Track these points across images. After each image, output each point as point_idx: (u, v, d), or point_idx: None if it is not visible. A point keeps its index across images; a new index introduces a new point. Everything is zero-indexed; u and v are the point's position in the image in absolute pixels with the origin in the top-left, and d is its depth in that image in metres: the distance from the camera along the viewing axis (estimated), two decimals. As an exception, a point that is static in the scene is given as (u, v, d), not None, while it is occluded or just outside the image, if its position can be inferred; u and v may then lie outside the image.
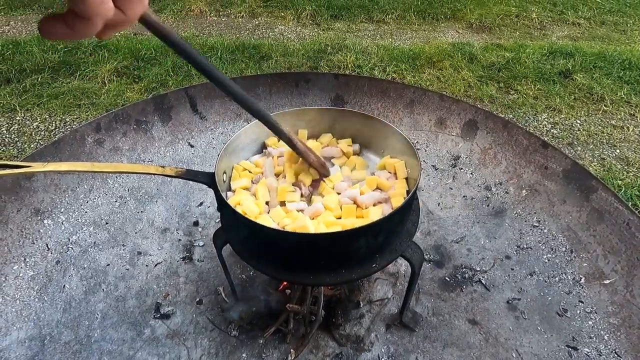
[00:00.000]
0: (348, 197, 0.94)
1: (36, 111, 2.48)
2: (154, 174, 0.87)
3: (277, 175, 1.03)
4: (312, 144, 1.09)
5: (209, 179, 0.91)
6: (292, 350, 1.11)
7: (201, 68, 0.69)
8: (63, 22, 0.39)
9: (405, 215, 0.94)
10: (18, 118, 2.44)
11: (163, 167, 0.88)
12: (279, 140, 1.10)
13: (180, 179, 0.90)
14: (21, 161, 1.20)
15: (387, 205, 0.94)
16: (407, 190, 0.97)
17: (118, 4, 0.41)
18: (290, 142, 0.91)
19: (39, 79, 2.74)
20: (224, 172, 0.99)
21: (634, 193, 1.91)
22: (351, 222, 0.90)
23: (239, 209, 0.88)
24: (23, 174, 0.80)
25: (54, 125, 2.39)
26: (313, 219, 0.91)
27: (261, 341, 1.13)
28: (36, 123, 2.40)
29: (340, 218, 0.93)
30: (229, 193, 0.99)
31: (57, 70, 2.84)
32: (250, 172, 1.03)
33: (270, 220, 0.91)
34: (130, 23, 0.45)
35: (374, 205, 0.94)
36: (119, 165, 0.92)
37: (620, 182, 1.98)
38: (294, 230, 0.87)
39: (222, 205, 0.90)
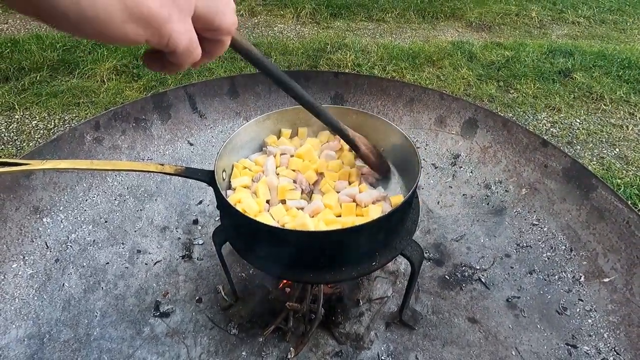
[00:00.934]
0: (347, 195, 0.94)
1: (35, 110, 2.48)
2: (153, 172, 0.87)
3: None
4: (311, 141, 1.09)
5: (209, 177, 0.90)
6: (291, 348, 1.11)
7: (284, 86, 0.80)
8: (160, 61, 0.44)
9: (405, 213, 0.94)
10: (17, 116, 2.43)
11: (162, 165, 0.88)
12: (291, 138, 1.12)
13: (179, 176, 0.90)
14: (20, 159, 1.19)
15: (386, 203, 0.94)
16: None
17: (204, 49, 0.45)
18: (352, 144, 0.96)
19: (38, 78, 2.73)
20: (224, 170, 0.99)
21: (633, 192, 1.91)
22: (351, 220, 0.89)
23: (238, 207, 0.88)
24: (22, 171, 0.80)
25: (52, 123, 2.38)
26: (313, 216, 0.91)
27: (261, 339, 1.13)
28: (35, 121, 2.40)
29: (340, 216, 0.93)
30: (228, 191, 0.99)
31: (56, 69, 2.83)
32: (250, 170, 1.03)
33: (270, 218, 0.91)
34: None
35: (372, 203, 0.93)
36: (118, 163, 0.92)
37: (619, 180, 1.99)
38: (294, 228, 0.87)
39: (222, 204, 0.90)
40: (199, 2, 0.40)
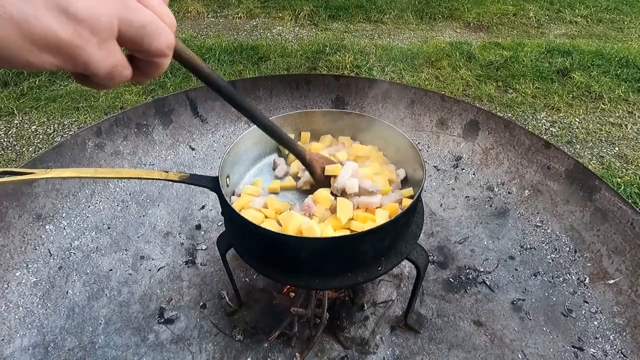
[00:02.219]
0: (361, 203, 0.93)
1: (34, 114, 2.47)
2: (158, 179, 0.87)
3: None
4: (315, 146, 1.09)
5: (213, 184, 0.90)
6: (297, 353, 1.11)
7: (233, 102, 0.68)
8: (88, 80, 0.40)
9: (411, 218, 0.94)
10: (16, 121, 2.42)
11: (167, 172, 0.88)
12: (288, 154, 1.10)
13: (183, 183, 0.90)
14: (23, 167, 1.19)
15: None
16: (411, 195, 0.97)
17: (139, 68, 0.41)
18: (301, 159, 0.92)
19: (37, 82, 2.72)
20: (228, 176, 0.99)
21: (633, 191, 1.91)
22: (359, 226, 0.89)
23: (243, 214, 0.87)
24: (26, 180, 0.79)
25: (52, 128, 2.37)
26: (307, 215, 0.91)
27: (266, 345, 1.12)
28: (34, 126, 2.39)
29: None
30: (233, 197, 0.98)
31: (55, 73, 2.82)
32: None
33: (275, 224, 0.91)
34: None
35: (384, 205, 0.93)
36: (123, 171, 0.92)
37: (619, 179, 1.99)
38: (299, 235, 0.87)
39: (227, 210, 0.90)
40: (123, 25, 0.36)
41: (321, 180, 0.96)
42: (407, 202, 0.94)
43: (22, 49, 0.31)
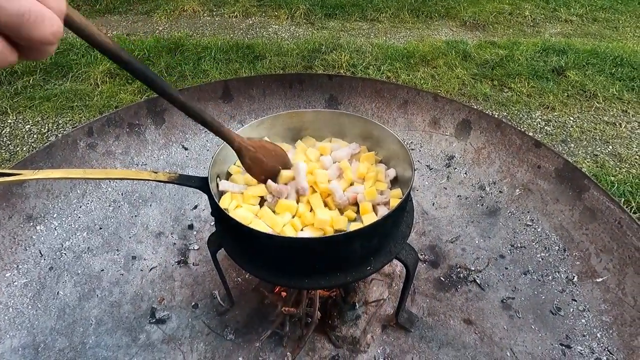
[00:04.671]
0: (346, 196, 0.94)
1: (28, 114, 2.46)
2: (147, 180, 0.87)
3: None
4: (321, 149, 1.07)
5: (203, 184, 0.90)
6: (288, 353, 1.12)
7: (150, 82, 0.65)
8: None
9: (399, 217, 0.94)
10: (10, 121, 2.41)
11: (156, 172, 0.88)
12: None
13: (173, 184, 0.90)
14: (12, 168, 1.19)
15: (384, 207, 0.95)
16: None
17: (24, 53, 0.39)
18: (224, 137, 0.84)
19: (31, 81, 2.71)
20: (218, 176, 0.99)
21: (626, 189, 1.92)
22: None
23: (232, 214, 0.87)
24: (14, 182, 0.79)
25: (46, 127, 2.37)
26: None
27: (257, 344, 1.13)
28: (28, 126, 2.38)
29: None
30: (223, 182, 0.98)
31: (49, 72, 2.81)
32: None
33: (264, 224, 0.91)
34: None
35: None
36: (111, 171, 0.92)
37: (613, 178, 2.00)
38: (288, 235, 0.87)
39: (216, 210, 0.90)
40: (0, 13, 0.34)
41: (250, 171, 0.90)
42: (395, 202, 0.94)
43: None
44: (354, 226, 0.91)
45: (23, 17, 0.36)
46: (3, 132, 2.34)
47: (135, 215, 1.52)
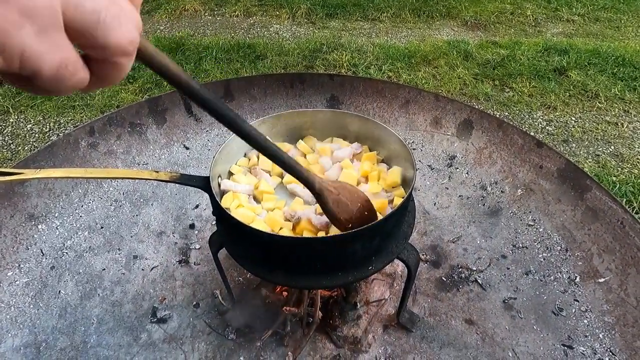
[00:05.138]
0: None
1: (30, 113, 2.46)
2: (148, 179, 0.87)
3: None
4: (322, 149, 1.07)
5: (204, 183, 0.90)
6: (289, 352, 1.11)
7: (216, 113, 0.55)
8: (27, 81, 0.30)
9: (401, 217, 0.94)
10: (11, 120, 2.42)
11: (157, 171, 0.88)
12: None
13: (174, 183, 0.90)
14: (14, 167, 1.19)
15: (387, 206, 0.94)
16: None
17: (93, 72, 0.33)
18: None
19: (32, 81, 2.71)
20: (219, 176, 0.99)
21: (628, 189, 1.92)
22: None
23: (233, 213, 0.87)
24: (15, 181, 0.79)
25: (48, 127, 2.37)
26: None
27: (259, 344, 1.13)
28: (30, 125, 2.38)
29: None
30: (226, 181, 0.99)
31: (50, 72, 2.81)
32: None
33: (265, 224, 0.91)
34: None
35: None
36: (113, 171, 0.92)
37: (614, 178, 2.00)
38: (289, 235, 0.87)
39: (217, 210, 0.90)
40: (69, 10, 0.28)
41: (335, 218, 0.78)
42: (398, 202, 0.94)
43: None
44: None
45: (99, 14, 0.30)
46: (5, 131, 2.34)
47: (137, 215, 1.52)
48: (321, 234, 0.88)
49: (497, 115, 2.33)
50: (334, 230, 0.88)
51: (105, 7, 0.30)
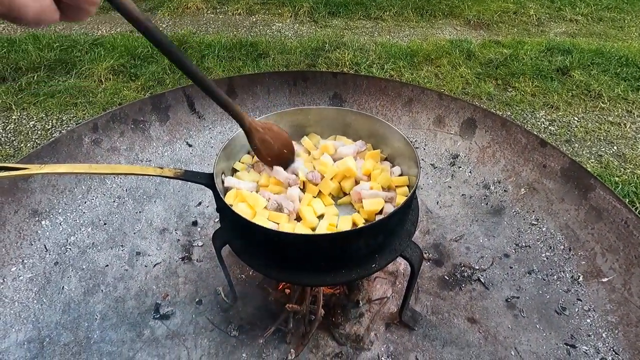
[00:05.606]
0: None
1: (32, 110, 2.47)
2: (153, 175, 0.87)
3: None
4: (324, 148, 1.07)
5: (208, 180, 0.90)
6: (292, 349, 1.12)
7: (165, 50, 0.68)
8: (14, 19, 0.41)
9: (405, 215, 0.94)
10: (14, 117, 2.42)
11: (162, 168, 0.88)
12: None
13: (179, 180, 0.90)
14: (18, 163, 1.19)
15: (389, 204, 0.94)
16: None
17: (66, 14, 0.43)
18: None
19: (35, 78, 2.71)
20: (223, 173, 0.99)
21: (631, 190, 1.91)
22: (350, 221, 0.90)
23: (237, 210, 0.87)
24: (20, 176, 0.80)
25: (50, 124, 2.37)
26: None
27: (261, 341, 1.13)
28: (32, 122, 2.38)
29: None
30: (229, 178, 0.99)
31: (53, 69, 2.82)
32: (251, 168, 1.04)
33: (268, 220, 0.91)
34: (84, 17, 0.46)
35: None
36: (117, 167, 0.92)
37: (617, 178, 1.99)
38: (293, 231, 0.87)
39: (221, 206, 0.90)
40: None
41: (259, 152, 0.91)
42: (401, 200, 0.94)
43: None
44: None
45: None
46: (7, 128, 2.34)
47: (140, 211, 1.53)
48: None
49: (500, 115, 2.33)
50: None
51: None
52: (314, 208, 0.93)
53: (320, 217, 0.94)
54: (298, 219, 0.93)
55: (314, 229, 0.91)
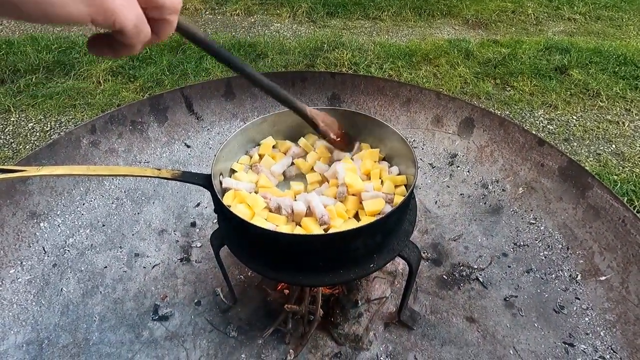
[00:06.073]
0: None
1: (31, 112, 2.47)
2: (151, 177, 0.87)
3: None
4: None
5: (206, 181, 0.90)
6: (291, 350, 1.12)
7: (234, 66, 0.76)
8: (109, 46, 0.44)
9: (403, 215, 0.94)
10: (12, 119, 2.42)
11: (159, 169, 0.88)
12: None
13: (176, 181, 0.90)
14: (16, 165, 1.19)
15: (387, 204, 0.94)
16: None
17: (153, 29, 0.45)
18: (311, 121, 0.93)
19: (33, 79, 2.71)
20: (221, 174, 0.99)
21: (629, 188, 1.92)
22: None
23: (235, 211, 0.88)
24: (18, 178, 0.80)
25: (49, 125, 2.37)
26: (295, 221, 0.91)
27: (260, 341, 1.13)
28: (31, 124, 2.38)
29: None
30: (227, 179, 0.99)
31: (52, 70, 2.82)
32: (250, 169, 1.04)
33: (266, 221, 0.91)
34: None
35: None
36: (115, 168, 0.92)
37: (616, 177, 1.99)
38: (290, 232, 0.87)
39: (219, 207, 0.90)
40: None
41: (326, 134, 0.96)
42: (399, 199, 0.94)
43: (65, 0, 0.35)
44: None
45: None
46: (6, 130, 2.34)
47: (138, 213, 1.53)
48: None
49: (498, 114, 2.33)
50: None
51: None
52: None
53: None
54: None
55: None
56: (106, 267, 1.34)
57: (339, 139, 1.01)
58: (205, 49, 0.68)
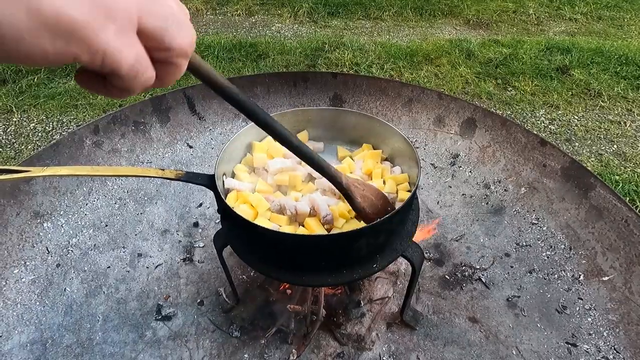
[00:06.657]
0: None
1: (33, 112, 2.47)
2: (154, 177, 0.87)
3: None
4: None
5: (209, 181, 0.91)
6: (293, 350, 1.12)
7: (255, 117, 0.63)
8: (102, 84, 0.36)
9: (406, 215, 0.94)
10: (15, 119, 2.42)
11: (163, 169, 0.88)
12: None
13: (180, 181, 0.90)
14: (20, 165, 1.19)
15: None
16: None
17: (157, 73, 0.38)
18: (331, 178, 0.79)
19: (35, 80, 2.72)
20: (224, 174, 0.99)
21: (631, 188, 1.92)
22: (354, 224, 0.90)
23: (238, 211, 0.88)
24: (22, 178, 0.80)
25: (51, 126, 2.38)
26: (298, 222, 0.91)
27: (263, 341, 1.13)
28: (33, 124, 2.39)
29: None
30: (230, 180, 0.99)
31: (54, 71, 2.82)
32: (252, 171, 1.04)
33: (269, 221, 0.91)
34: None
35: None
36: (119, 169, 0.92)
37: (617, 177, 1.99)
38: (294, 232, 0.87)
39: (222, 208, 0.90)
40: (143, 15, 0.33)
41: (362, 211, 0.84)
42: (402, 198, 0.94)
43: (32, 33, 0.27)
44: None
45: (167, 21, 0.35)
46: (8, 130, 2.35)
47: (141, 213, 1.53)
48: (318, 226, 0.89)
49: (500, 114, 2.33)
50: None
51: (171, 15, 0.36)
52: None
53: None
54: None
55: None
56: (109, 267, 1.35)
57: (373, 215, 0.85)
58: (227, 98, 0.57)
